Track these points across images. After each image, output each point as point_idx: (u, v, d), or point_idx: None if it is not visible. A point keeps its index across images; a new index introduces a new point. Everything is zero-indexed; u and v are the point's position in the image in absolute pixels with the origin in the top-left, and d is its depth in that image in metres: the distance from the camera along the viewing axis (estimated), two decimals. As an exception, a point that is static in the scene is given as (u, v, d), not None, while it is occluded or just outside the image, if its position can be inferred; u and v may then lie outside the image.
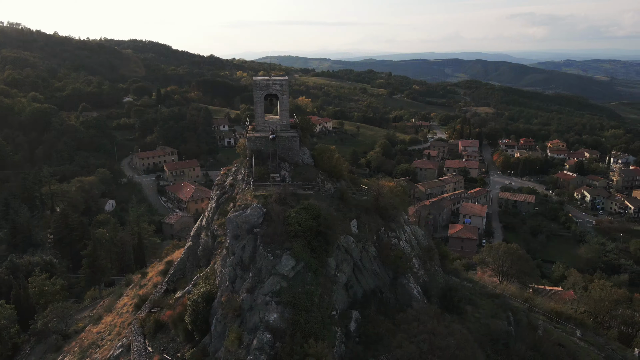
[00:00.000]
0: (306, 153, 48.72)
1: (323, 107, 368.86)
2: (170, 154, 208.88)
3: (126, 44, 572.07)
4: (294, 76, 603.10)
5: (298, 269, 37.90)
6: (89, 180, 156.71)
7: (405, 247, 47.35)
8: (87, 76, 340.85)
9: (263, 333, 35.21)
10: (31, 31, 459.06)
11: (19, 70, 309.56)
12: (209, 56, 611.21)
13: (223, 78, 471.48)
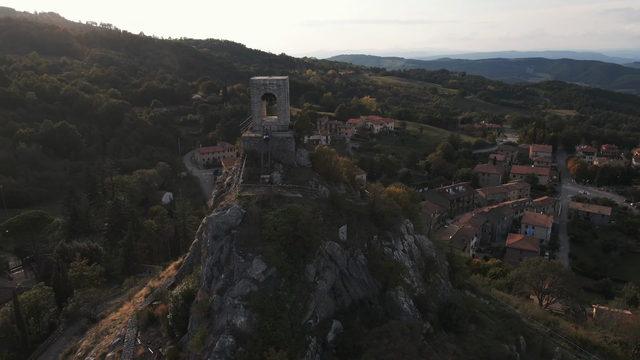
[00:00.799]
0: (303, 155, 47.87)
1: (388, 107, 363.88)
2: (229, 149, 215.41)
3: (203, 43, 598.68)
4: (364, 75, 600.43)
5: (269, 274, 37.28)
6: (149, 173, 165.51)
7: (400, 258, 45.11)
8: (164, 73, 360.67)
9: (226, 337, 35.03)
10: (119, 31, 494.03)
11: (103, 67, 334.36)
12: (280, 55, 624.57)
13: (292, 76, 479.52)
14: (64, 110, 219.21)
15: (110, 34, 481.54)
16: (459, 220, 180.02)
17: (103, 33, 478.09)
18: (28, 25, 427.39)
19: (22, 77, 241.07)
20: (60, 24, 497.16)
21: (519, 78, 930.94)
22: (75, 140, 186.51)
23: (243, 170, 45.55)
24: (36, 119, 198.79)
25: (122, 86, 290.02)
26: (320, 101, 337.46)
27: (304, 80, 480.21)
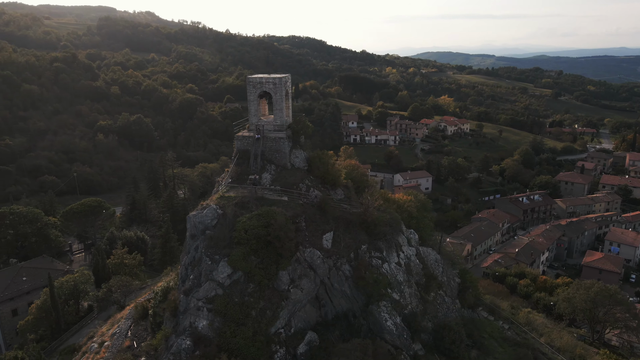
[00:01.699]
0: (298, 156, 46.69)
1: (468, 107, 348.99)
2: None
3: (285, 40, 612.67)
4: (447, 73, 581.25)
5: (235, 278, 36.82)
6: (211, 167, 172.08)
7: (391, 271, 42.57)
8: (243, 70, 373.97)
9: (185, 339, 35.10)
10: (205, 29, 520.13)
11: (186, 64, 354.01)
12: (360, 52, 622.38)
13: (370, 74, 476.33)
14: (143, 104, 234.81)
15: (197, 31, 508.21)
16: (531, 232, 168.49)
17: (190, 31, 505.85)
18: (124, 24, 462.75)
19: (109, 72, 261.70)
20: (154, 23, 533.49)
21: (627, 78, 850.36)
22: (148, 132, 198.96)
23: (232, 169, 45.46)
24: (117, 111, 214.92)
25: (200, 82, 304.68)
26: (394, 100, 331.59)
27: (383, 78, 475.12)
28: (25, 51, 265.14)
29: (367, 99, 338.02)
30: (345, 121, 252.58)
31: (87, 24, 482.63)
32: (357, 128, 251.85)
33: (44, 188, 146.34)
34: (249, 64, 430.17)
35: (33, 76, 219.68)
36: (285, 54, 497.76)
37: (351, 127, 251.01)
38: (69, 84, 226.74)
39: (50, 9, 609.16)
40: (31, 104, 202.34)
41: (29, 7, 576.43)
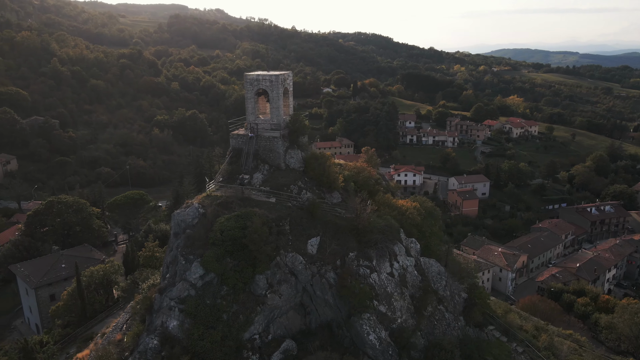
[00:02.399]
0: (294, 157, 45.74)
1: (540, 108, 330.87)
2: (347, 146, 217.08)
3: (350, 37, 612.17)
4: (522, 72, 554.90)
5: (207, 280, 36.71)
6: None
7: (380, 281, 40.70)
8: (304, 67, 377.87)
9: (153, 338, 35.48)
10: (270, 26, 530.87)
11: (249, 60, 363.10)
12: (428, 49, 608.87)
13: (437, 72, 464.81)
14: (200, 100, 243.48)
15: (262, 28, 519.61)
16: (598, 247, 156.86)
17: (256, 28, 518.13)
18: (192, 21, 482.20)
19: (172, 68, 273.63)
20: (221, 20, 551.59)
21: None
22: (202, 128, 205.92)
23: (224, 168, 45.46)
24: (175, 107, 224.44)
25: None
26: (458, 99, 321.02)
27: (450, 76, 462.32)
28: (97, 48, 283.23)
29: (429, 98, 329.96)
30: (402, 120, 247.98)
31: (159, 21, 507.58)
32: (414, 128, 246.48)
33: (99, 179, 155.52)
34: (311, 61, 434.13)
35: (100, 72, 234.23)
36: (349, 50, 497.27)
37: (408, 127, 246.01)
38: (132, 79, 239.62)
39: (127, 7, 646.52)
40: (96, 98, 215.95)
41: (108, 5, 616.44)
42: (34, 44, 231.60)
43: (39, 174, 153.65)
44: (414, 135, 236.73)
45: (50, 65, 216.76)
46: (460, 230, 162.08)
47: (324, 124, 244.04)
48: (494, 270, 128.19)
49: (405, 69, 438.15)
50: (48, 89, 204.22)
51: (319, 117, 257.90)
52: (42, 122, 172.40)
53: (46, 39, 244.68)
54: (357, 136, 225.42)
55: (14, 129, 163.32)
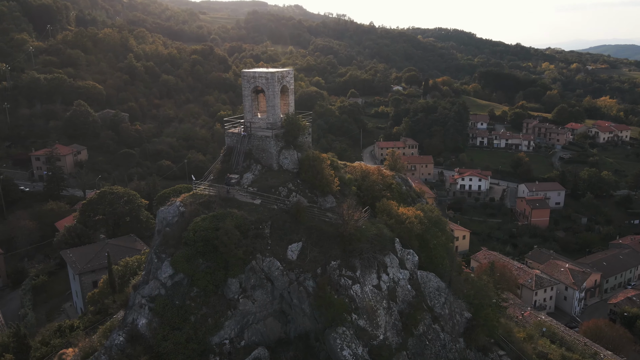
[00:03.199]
0: (287, 157, 44.84)
1: (637, 111, 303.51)
2: (411, 146, 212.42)
3: (430, 33, 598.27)
4: (622, 70, 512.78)
5: (177, 280, 37.00)
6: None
7: (363, 294, 38.91)
8: (377, 64, 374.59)
9: (120, 335, 36.39)
10: (345, 21, 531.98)
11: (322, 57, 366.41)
12: (514, 45, 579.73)
13: (522, 70, 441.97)
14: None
15: (338, 24, 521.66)
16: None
17: (331, 24, 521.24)
18: (269, 17, 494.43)
19: (240, 64, 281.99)
20: (298, 16, 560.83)
21: None
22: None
23: (215, 167, 45.63)
24: (240, 102, 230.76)
25: (329, 75, 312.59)
26: (541, 99, 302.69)
27: (536, 74, 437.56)
28: (173, 44, 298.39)
29: (508, 98, 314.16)
30: (473, 121, 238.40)
31: (237, 18, 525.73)
32: (486, 130, 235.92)
33: (160, 172, 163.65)
34: (385, 58, 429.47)
35: (172, 67, 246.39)
36: (427, 47, 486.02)
37: (480, 129, 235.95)
38: (202, 75, 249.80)
39: (209, 4, 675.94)
40: (166, 93, 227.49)
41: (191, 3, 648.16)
42: (113, 41, 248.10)
43: (105, 165, 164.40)
44: (485, 138, 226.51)
45: (127, 60, 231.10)
46: (527, 241, 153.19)
47: (389, 123, 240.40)
48: (559, 287, 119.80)
49: (486, 67, 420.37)
50: (123, 83, 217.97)
51: (385, 115, 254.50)
52: (113, 115, 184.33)
53: (125, 35, 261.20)
54: (423, 137, 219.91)
55: (87, 121, 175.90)
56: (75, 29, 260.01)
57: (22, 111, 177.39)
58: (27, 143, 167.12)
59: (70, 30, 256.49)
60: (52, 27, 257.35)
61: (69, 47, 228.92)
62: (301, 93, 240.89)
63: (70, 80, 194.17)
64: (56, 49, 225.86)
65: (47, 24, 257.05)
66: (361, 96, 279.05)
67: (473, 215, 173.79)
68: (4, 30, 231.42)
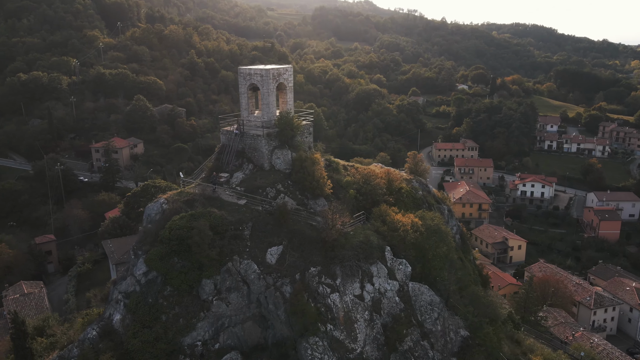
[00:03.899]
0: (280, 157, 44.03)
1: None
2: (471, 148, 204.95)
3: (506, 28, 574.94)
4: None
5: (150, 277, 37.46)
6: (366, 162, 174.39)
7: (342, 304, 37.54)
8: (444, 61, 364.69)
9: (94, 329, 37.40)
10: (415, 17, 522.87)
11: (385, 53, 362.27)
12: (600, 41, 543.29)
13: (607, 68, 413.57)
14: (323, 93, 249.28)
15: (407, 20, 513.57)
16: None
17: (400, 19, 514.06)
18: (336, 13, 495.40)
19: (300, 61, 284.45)
20: (366, 12, 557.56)
21: None
22: (318, 122, 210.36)
23: (207, 164, 45.77)
24: (296, 99, 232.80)
25: (391, 72, 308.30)
26: (625, 101, 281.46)
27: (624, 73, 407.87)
28: (235, 40, 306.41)
29: (587, 99, 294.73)
30: (542, 123, 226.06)
31: (304, 14, 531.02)
32: (556, 133, 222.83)
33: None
34: (454, 55, 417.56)
35: (232, 63, 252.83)
36: (501, 43, 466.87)
37: (549, 132, 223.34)
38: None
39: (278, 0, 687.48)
40: (224, 89, 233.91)
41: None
42: (178, 37, 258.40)
43: (159, 158, 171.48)
44: (554, 141, 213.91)
45: (189, 56, 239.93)
46: (591, 255, 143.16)
47: (450, 124, 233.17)
48: (622, 308, 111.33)
49: (565, 64, 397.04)
50: (183, 79, 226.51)
51: (446, 115, 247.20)
52: (170, 110, 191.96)
53: (190, 32, 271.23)
54: (485, 138, 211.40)
55: (145, 115, 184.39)
56: (144, 26, 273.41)
57: (87, 105, 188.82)
58: (90, 135, 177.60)
59: (139, 27, 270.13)
60: (122, 24, 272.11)
61: (136, 43, 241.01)
62: (358, 91, 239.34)
63: (132, 76, 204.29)
64: (124, 45, 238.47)
65: (119, 21, 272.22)
66: (423, 95, 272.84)
67: (533, 224, 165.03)
68: (78, 27, 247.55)
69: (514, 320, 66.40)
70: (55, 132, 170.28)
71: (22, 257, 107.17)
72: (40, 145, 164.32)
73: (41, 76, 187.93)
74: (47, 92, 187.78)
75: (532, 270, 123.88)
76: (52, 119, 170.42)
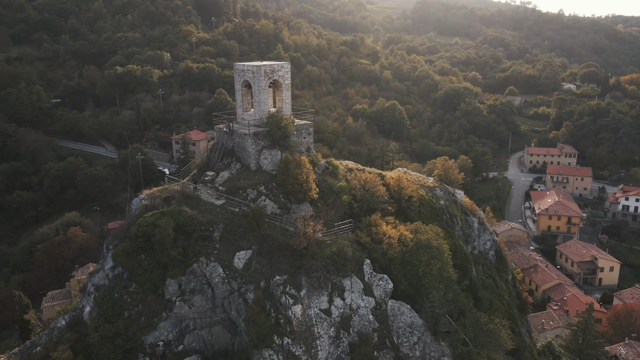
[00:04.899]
0: (268, 158, 42.85)
1: None
2: (568, 155, 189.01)
3: (635, 21, 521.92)
4: None
5: (117, 273, 38.42)
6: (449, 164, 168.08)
7: (305, 317, 35.85)
8: (552, 58, 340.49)
9: (64, 319, 39.25)
10: (525, 9, 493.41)
11: (487, 49, 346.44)
12: None
13: None
14: (410, 91, 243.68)
15: (516, 13, 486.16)
16: None
17: (508, 12, 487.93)
18: (438, 6, 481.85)
19: (390, 56, 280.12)
20: (471, 4, 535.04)
21: None
22: (400, 120, 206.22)
23: (195, 162, 45.91)
24: (383, 96, 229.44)
25: (489, 70, 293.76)
26: None
27: None
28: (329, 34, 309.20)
29: None
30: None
31: (405, 7, 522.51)
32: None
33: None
34: (568, 51, 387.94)
35: (318, 58, 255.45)
36: (625, 38, 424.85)
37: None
38: (347, 66, 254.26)
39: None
40: (308, 84, 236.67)
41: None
42: (268, 32, 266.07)
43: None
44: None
45: (275, 51, 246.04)
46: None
47: (548, 127, 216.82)
48: None
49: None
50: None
51: (545, 117, 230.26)
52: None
53: (280, 27, 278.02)
54: (587, 144, 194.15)
55: (225, 109, 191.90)
56: (237, 21, 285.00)
57: (173, 97, 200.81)
58: (173, 127, 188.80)
59: (232, 22, 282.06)
60: (217, 19, 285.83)
61: (227, 38, 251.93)
62: (447, 89, 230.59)
63: (218, 70, 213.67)
64: (215, 40, 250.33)
65: (216, 16, 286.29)
66: (521, 94, 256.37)
67: (634, 244, 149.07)
68: (176, 22, 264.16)
69: (554, 352, 60.20)
70: (142, 122, 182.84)
71: (94, 240, 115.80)
72: (127, 135, 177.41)
73: (135, 69, 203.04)
74: (139, 85, 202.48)
75: (623, 296, 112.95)
76: (140, 110, 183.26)
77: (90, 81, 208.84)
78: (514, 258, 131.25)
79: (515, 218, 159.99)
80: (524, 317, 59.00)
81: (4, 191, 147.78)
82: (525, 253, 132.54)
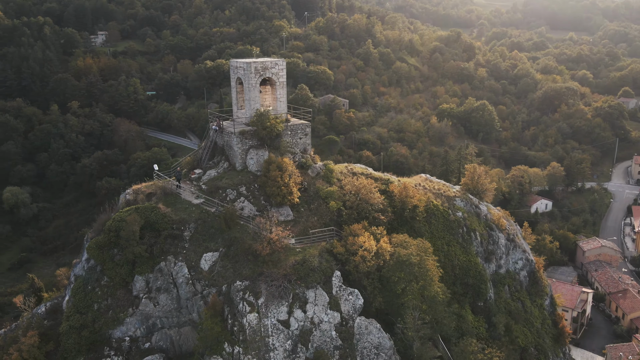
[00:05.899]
0: (253, 158, 41.81)
1: None
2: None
3: None
4: None
5: (91, 265, 39.75)
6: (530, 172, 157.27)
7: (260, 327, 34.65)
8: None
9: (44, 305, 41.45)
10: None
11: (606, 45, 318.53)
12: None
13: None
14: (506, 90, 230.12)
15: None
16: None
17: (637, 4, 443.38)
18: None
19: (488, 53, 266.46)
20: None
21: None
22: (489, 122, 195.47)
23: (186, 159, 46.06)
24: (474, 95, 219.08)
25: (603, 68, 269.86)
26: None
27: None
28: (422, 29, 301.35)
29: None
30: None
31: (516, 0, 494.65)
32: None
33: (360, 162, 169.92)
34: None
35: (409, 54, 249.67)
36: None
37: None
38: (439, 63, 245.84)
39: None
40: (396, 81, 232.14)
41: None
42: (359, 27, 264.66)
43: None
44: None
45: (365, 46, 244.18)
46: None
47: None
48: None
49: None
50: (355, 69, 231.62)
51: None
52: (330, 101, 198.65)
53: (373, 21, 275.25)
54: None
55: (305, 104, 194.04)
56: (330, 15, 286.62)
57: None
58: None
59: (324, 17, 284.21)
60: (311, 14, 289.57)
61: (318, 33, 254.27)
62: (547, 89, 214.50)
63: (303, 64, 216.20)
64: (305, 35, 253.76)
65: (310, 11, 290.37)
66: (638, 97, 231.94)
67: None
68: (269, 17, 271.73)
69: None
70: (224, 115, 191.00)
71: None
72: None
73: (223, 64, 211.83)
74: (226, 79, 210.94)
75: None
76: (223, 103, 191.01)
77: (183, 75, 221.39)
78: (600, 280, 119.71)
79: (611, 235, 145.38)
80: (558, 348, 53.23)
81: (96, 177, 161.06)
82: (615, 275, 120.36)
